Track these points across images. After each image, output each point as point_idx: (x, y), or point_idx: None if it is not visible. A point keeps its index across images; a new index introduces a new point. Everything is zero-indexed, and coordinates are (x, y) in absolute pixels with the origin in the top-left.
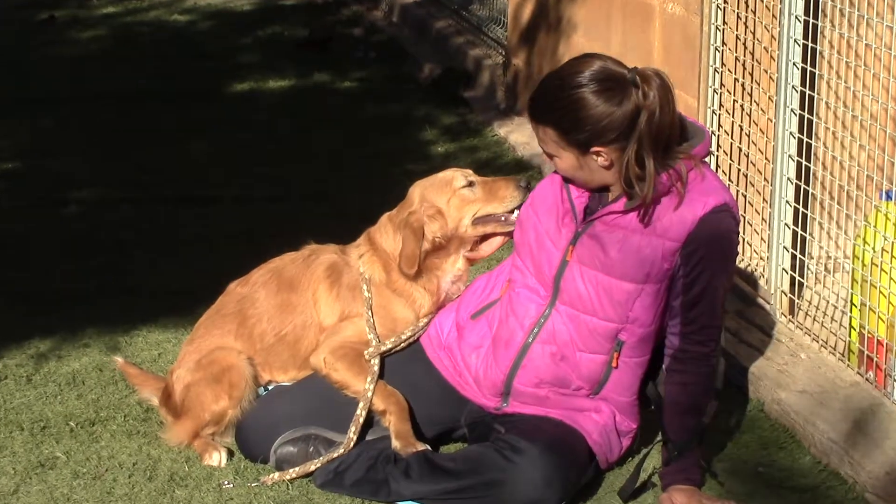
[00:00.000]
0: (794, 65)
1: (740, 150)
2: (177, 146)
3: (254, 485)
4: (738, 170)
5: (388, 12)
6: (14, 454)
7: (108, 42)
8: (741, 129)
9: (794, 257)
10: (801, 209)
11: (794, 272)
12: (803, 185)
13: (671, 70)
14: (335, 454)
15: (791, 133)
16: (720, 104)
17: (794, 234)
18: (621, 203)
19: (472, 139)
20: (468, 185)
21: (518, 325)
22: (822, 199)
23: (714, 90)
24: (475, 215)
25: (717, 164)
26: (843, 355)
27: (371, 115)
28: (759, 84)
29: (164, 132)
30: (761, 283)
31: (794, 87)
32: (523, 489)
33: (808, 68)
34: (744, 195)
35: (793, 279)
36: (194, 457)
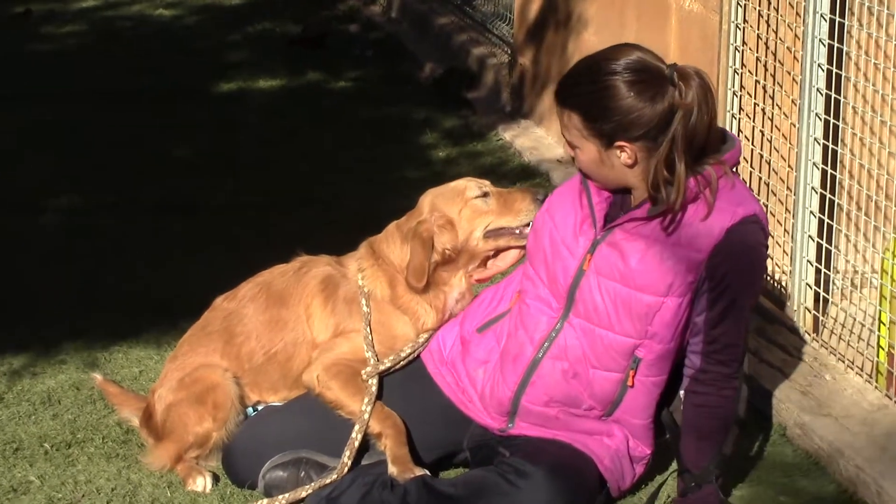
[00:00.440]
0: (818, 66)
1: (761, 156)
2: (160, 149)
3: None
4: (760, 178)
5: (387, 8)
6: None
7: (88, 38)
8: (762, 135)
9: (818, 271)
10: (827, 220)
11: (819, 287)
12: (828, 195)
13: None
14: (328, 480)
15: (815, 139)
16: (740, 108)
17: (819, 246)
18: (644, 209)
19: (475, 144)
20: (482, 195)
21: (527, 339)
22: (849, 209)
23: (734, 93)
24: (487, 228)
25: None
26: (870, 376)
27: (367, 117)
28: (781, 86)
29: (146, 134)
30: (783, 298)
31: (818, 89)
32: None
33: (834, 70)
34: (765, 205)
35: (817, 295)
36: (177, 482)
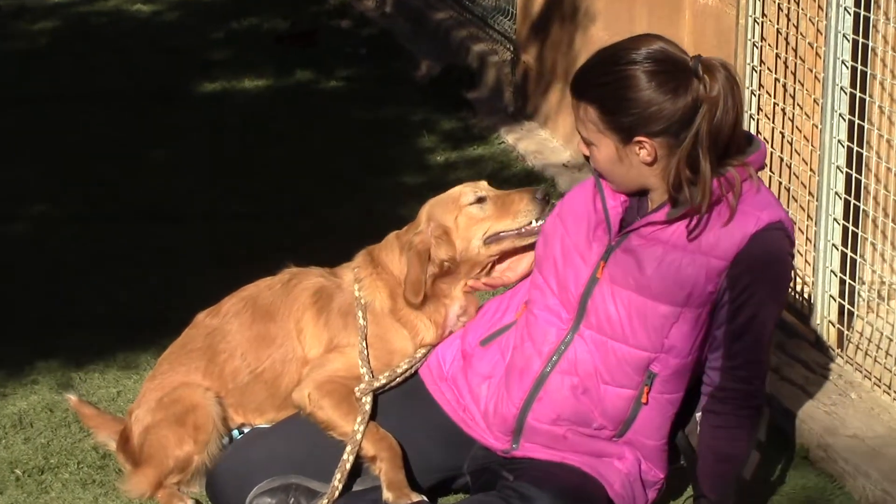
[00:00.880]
0: (842, 63)
1: (781, 160)
2: (138, 155)
3: None
4: (780, 182)
5: (381, 2)
6: None
7: (61, 35)
8: (782, 137)
9: (843, 283)
10: (851, 227)
11: (844, 300)
12: (853, 201)
13: None
14: None
15: (839, 141)
16: (759, 108)
17: (843, 256)
18: (663, 213)
19: (475, 147)
20: (477, 201)
21: (535, 352)
22: (875, 216)
23: (752, 91)
24: (486, 234)
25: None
26: None
27: (360, 119)
28: (802, 85)
29: (123, 139)
30: (805, 311)
31: (842, 88)
32: None
33: (859, 67)
34: (788, 212)
35: (841, 307)
36: None
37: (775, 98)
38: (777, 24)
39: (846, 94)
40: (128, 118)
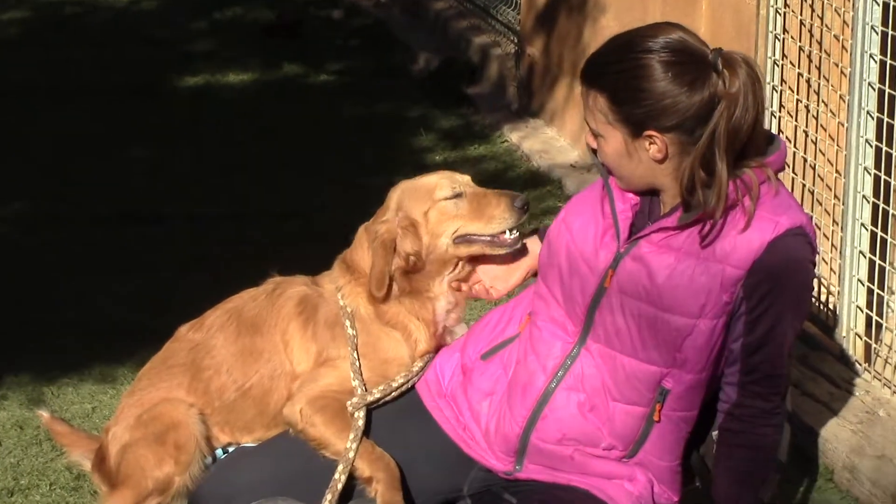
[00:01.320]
0: (870, 57)
1: (805, 160)
2: (116, 153)
3: None
4: (803, 184)
5: None
6: None
7: (32, 25)
8: (806, 136)
9: (870, 292)
10: (880, 233)
11: (871, 310)
12: (882, 204)
13: None
14: None
15: (867, 140)
16: (780, 105)
17: (871, 263)
18: (675, 217)
19: (477, 146)
20: (454, 196)
21: (539, 367)
22: None
23: (773, 87)
24: (456, 234)
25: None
26: None
27: (353, 115)
28: (828, 80)
29: (100, 135)
30: (830, 323)
31: (870, 84)
32: None
33: (889, 61)
34: (809, 216)
35: (869, 319)
36: None
37: (798, 94)
38: (801, 14)
39: (874, 90)
40: (104, 114)
